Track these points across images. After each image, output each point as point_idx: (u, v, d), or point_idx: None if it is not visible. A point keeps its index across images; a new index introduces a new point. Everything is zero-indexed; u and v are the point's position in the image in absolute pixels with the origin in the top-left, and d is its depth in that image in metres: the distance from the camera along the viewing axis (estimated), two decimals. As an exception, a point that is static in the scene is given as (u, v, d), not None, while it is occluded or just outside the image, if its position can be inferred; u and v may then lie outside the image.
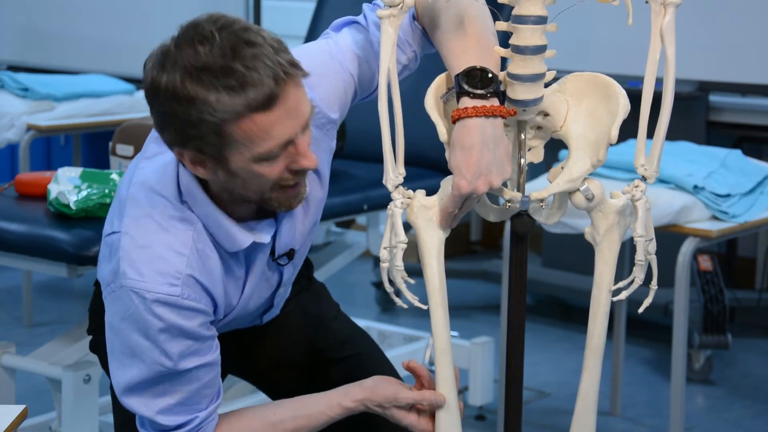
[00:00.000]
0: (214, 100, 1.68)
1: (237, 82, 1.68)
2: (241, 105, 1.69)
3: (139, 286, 1.80)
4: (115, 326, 1.85)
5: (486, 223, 5.45)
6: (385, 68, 1.85)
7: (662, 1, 1.81)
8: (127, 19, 5.60)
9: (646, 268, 1.91)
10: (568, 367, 4.17)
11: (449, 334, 1.90)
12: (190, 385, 1.86)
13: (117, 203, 1.92)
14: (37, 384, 3.38)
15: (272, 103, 1.70)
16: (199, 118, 1.70)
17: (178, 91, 1.69)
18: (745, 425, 3.74)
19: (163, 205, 1.84)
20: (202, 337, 1.85)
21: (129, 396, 1.87)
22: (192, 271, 1.82)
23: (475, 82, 1.82)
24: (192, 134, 1.72)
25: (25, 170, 4.40)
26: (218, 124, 1.70)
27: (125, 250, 1.82)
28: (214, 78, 1.68)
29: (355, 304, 4.79)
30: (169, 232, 1.83)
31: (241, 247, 1.87)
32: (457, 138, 1.81)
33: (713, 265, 4.09)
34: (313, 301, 2.24)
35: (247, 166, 1.75)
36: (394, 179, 1.88)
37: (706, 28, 4.22)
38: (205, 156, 1.75)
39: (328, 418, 1.95)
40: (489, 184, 1.82)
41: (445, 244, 1.92)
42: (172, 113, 1.71)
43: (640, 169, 1.88)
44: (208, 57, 1.69)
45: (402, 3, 1.84)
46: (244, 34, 1.71)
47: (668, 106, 1.84)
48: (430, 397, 1.90)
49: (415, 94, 2.52)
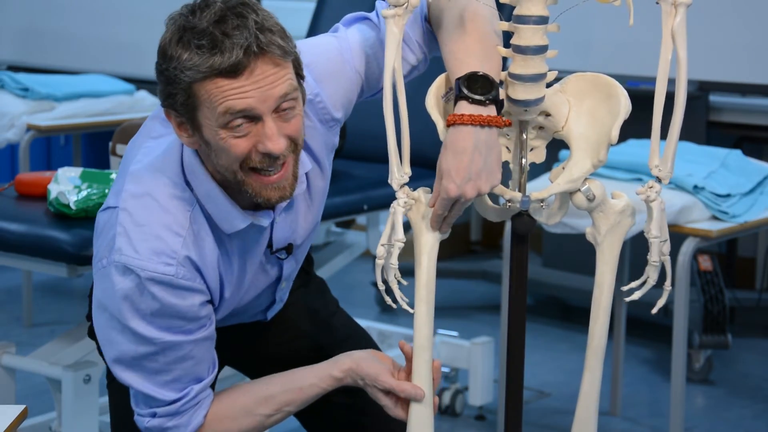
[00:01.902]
0: (186, 58, 1.75)
1: (209, 44, 1.74)
2: (206, 66, 1.74)
3: (135, 264, 1.81)
4: (105, 302, 1.86)
5: (486, 223, 5.45)
6: (390, 68, 1.85)
7: (673, 1, 1.81)
8: (127, 19, 5.60)
9: (660, 268, 1.91)
10: (568, 367, 4.16)
11: (430, 331, 1.89)
12: (183, 363, 1.87)
13: (117, 180, 1.93)
14: (37, 384, 3.38)
15: (237, 71, 1.74)
16: (174, 75, 1.76)
17: (166, 48, 1.78)
18: (745, 425, 3.74)
19: (164, 183, 1.85)
20: (196, 317, 1.86)
21: (122, 369, 1.88)
22: (188, 251, 1.84)
23: (475, 88, 1.82)
24: (170, 91, 1.78)
25: (25, 170, 4.40)
26: (189, 83, 1.76)
27: (122, 226, 1.84)
28: (194, 38, 1.75)
29: (355, 304, 4.78)
30: (167, 211, 1.84)
31: (237, 228, 1.88)
32: (450, 141, 1.82)
33: (713, 265, 4.09)
34: (313, 296, 2.25)
35: (215, 135, 1.78)
36: (399, 178, 1.88)
37: (706, 28, 4.21)
38: (184, 119, 1.80)
39: (320, 390, 1.96)
40: (477, 190, 1.82)
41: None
42: (159, 69, 1.79)
43: (654, 170, 1.88)
44: (198, 20, 1.75)
45: (407, 2, 1.84)
46: (241, 8, 1.77)
47: (681, 107, 1.84)
48: (408, 389, 1.90)
49: (415, 94, 2.52)
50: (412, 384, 1.90)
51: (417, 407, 1.91)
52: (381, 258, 1.89)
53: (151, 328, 1.83)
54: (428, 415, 1.91)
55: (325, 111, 1.95)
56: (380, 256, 1.89)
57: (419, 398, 1.90)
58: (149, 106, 4.72)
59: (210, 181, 1.85)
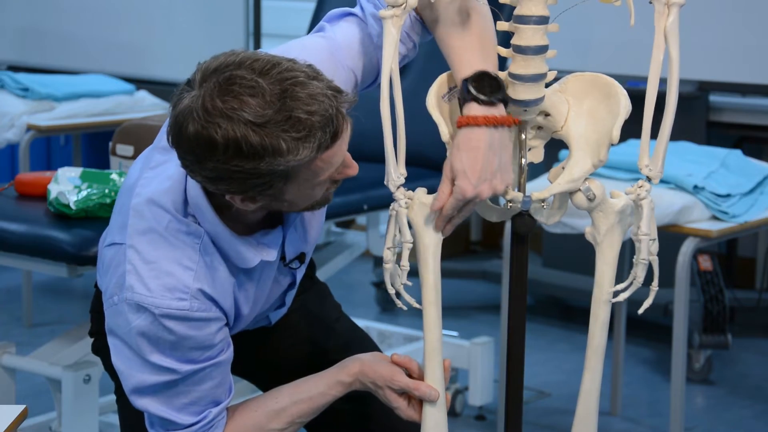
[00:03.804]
0: (285, 149, 1.67)
1: (305, 129, 1.68)
2: (313, 150, 1.69)
3: (148, 301, 1.80)
4: (123, 337, 1.85)
5: (486, 223, 5.45)
6: (387, 69, 1.85)
7: (666, 1, 1.81)
8: (127, 19, 5.60)
9: (647, 267, 1.91)
10: (568, 367, 4.16)
11: (440, 332, 1.90)
12: (202, 385, 1.87)
13: (118, 213, 1.90)
14: (37, 384, 3.38)
15: (336, 138, 1.72)
16: (269, 170, 1.69)
17: (242, 149, 1.66)
18: (745, 425, 3.74)
19: (168, 220, 1.83)
20: (214, 344, 1.86)
21: (139, 397, 1.87)
22: (201, 284, 1.82)
23: (484, 89, 1.81)
24: (256, 183, 1.71)
25: (25, 170, 4.40)
26: (288, 171, 1.70)
27: (132, 264, 1.82)
28: (282, 131, 1.67)
29: (355, 304, 4.78)
30: (175, 246, 1.82)
31: (249, 266, 1.87)
32: (463, 141, 1.81)
33: (713, 265, 4.09)
34: (316, 301, 2.24)
35: (303, 193, 1.77)
36: (395, 180, 1.88)
37: (706, 28, 4.21)
38: (262, 196, 1.75)
39: (330, 397, 1.95)
40: (493, 190, 1.82)
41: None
42: (236, 169, 1.69)
43: (644, 169, 1.88)
44: (266, 109, 1.66)
45: (405, 3, 1.84)
46: (287, 74, 1.69)
47: (672, 107, 1.84)
48: (424, 389, 1.90)
49: (415, 94, 2.52)
50: (428, 384, 1.90)
51: (431, 409, 1.90)
52: (389, 262, 1.89)
53: (171, 360, 1.83)
54: (443, 417, 1.91)
55: None
56: (387, 261, 1.89)
57: (434, 399, 1.89)
58: (149, 106, 4.72)
59: (218, 222, 1.82)
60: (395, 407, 1.93)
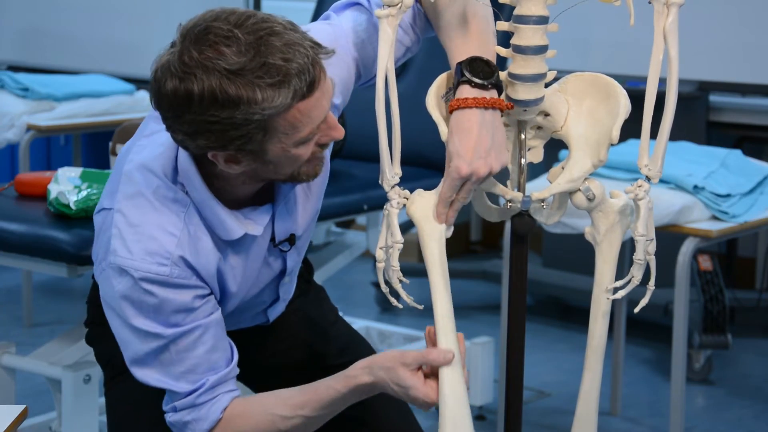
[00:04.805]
0: (260, 98, 1.68)
1: (280, 75, 1.69)
2: (288, 97, 1.70)
3: (128, 264, 1.81)
4: (111, 303, 1.86)
5: (486, 223, 5.45)
6: (383, 68, 1.85)
7: (665, 1, 1.81)
8: (127, 19, 5.60)
9: (645, 267, 1.91)
10: (568, 367, 4.16)
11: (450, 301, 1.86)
12: (195, 351, 1.86)
13: (111, 180, 1.92)
14: (37, 384, 3.38)
15: (313, 88, 1.72)
16: (245, 119, 1.69)
17: (218, 97, 1.68)
18: (745, 425, 3.74)
19: (157, 185, 1.84)
20: (195, 308, 1.85)
21: (138, 368, 1.87)
22: (182, 251, 1.83)
23: (477, 72, 1.82)
24: (234, 135, 1.72)
25: (25, 170, 4.40)
26: (265, 120, 1.71)
27: (117, 228, 1.83)
28: (256, 77, 1.68)
29: (355, 304, 4.78)
30: (161, 212, 1.83)
31: (232, 238, 1.87)
32: (455, 124, 1.81)
33: (713, 265, 4.09)
34: (313, 304, 2.24)
35: (285, 153, 1.76)
36: (390, 179, 1.88)
37: (706, 28, 4.21)
38: (242, 153, 1.75)
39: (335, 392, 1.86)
40: (489, 167, 1.81)
41: (446, 244, 1.91)
42: (212, 120, 1.70)
43: (643, 169, 1.88)
44: (240, 57, 1.68)
45: (401, 2, 1.84)
46: (263, 24, 1.71)
47: (672, 107, 1.84)
48: (435, 354, 1.81)
49: (414, 93, 2.52)
50: (438, 348, 1.83)
51: (448, 372, 1.82)
52: (381, 261, 1.89)
53: (155, 324, 1.83)
54: (460, 376, 1.82)
55: None
56: (380, 260, 1.89)
57: (449, 360, 1.81)
58: (149, 106, 4.70)
59: (205, 191, 1.84)
60: (410, 386, 1.81)
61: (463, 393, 1.82)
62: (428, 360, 1.82)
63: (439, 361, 1.81)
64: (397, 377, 1.82)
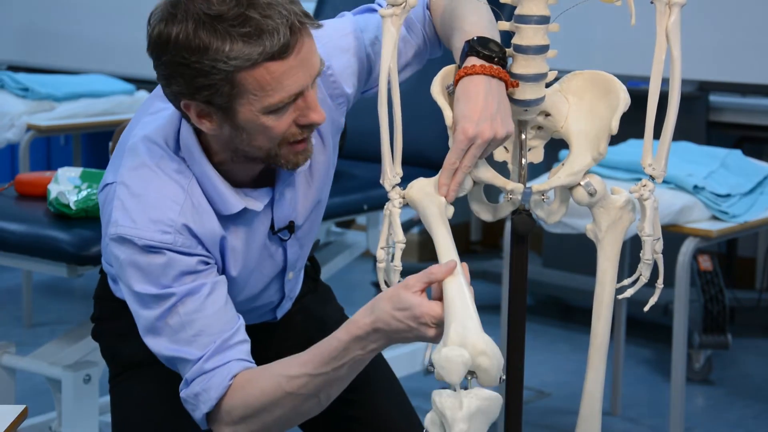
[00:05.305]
0: (228, 48, 1.69)
1: (253, 29, 1.69)
2: (256, 53, 1.69)
3: (132, 233, 1.80)
4: (119, 275, 1.85)
5: (486, 223, 5.45)
6: (385, 68, 1.85)
7: (667, 1, 1.81)
8: (127, 19, 5.60)
9: (652, 266, 1.90)
10: (568, 368, 4.16)
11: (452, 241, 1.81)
12: (204, 311, 1.83)
13: (116, 156, 1.92)
14: (37, 384, 3.38)
15: (287, 51, 1.71)
16: (212, 67, 1.70)
17: (191, 41, 1.70)
18: (745, 425, 3.74)
19: (161, 156, 1.84)
20: (199, 271, 1.83)
21: (152, 337, 1.85)
22: (186, 220, 1.82)
23: (485, 45, 1.81)
24: (203, 84, 1.72)
25: (25, 170, 4.40)
26: (231, 72, 1.70)
27: (120, 199, 1.83)
28: (230, 26, 1.69)
29: (355, 304, 4.74)
30: (164, 182, 1.83)
31: (232, 212, 1.86)
32: (462, 90, 1.80)
33: (713, 265, 4.09)
34: (319, 304, 2.23)
35: (256, 119, 1.75)
36: (391, 179, 1.88)
37: (706, 28, 4.21)
38: (213, 108, 1.75)
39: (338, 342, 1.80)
40: (494, 132, 1.78)
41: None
42: (183, 63, 1.71)
43: (647, 168, 1.88)
44: (222, 5, 1.69)
45: (405, 2, 1.84)
46: None
47: (675, 107, 1.84)
48: (438, 267, 1.74)
49: (415, 93, 2.52)
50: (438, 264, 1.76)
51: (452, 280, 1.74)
52: (382, 261, 1.88)
53: (162, 286, 1.81)
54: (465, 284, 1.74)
55: (336, 85, 1.95)
56: (381, 260, 1.88)
57: (451, 268, 1.74)
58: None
59: (206, 163, 1.84)
60: (414, 304, 1.72)
61: (469, 296, 1.74)
62: (431, 276, 1.74)
63: (442, 271, 1.74)
64: (399, 301, 1.74)
